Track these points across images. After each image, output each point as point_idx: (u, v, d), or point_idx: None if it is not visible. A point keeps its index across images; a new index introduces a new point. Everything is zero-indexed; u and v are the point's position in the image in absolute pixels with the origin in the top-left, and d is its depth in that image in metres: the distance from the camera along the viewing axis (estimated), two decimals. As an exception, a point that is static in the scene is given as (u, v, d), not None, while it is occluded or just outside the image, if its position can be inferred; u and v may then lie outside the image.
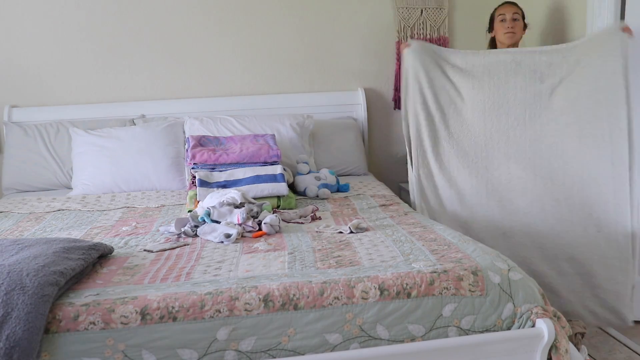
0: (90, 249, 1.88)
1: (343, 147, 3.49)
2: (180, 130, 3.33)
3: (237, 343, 1.60)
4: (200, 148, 2.98)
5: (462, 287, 1.74)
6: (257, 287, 1.67)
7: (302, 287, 1.67)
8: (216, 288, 1.67)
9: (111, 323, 1.55)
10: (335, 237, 2.21)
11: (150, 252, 2.08)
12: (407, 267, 1.80)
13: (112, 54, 3.49)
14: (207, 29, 3.55)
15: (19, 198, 3.04)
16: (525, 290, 1.78)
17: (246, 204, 2.45)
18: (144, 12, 3.48)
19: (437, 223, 2.40)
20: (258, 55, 3.61)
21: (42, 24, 3.40)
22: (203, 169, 2.88)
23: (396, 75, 3.71)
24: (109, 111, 3.49)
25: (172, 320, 1.57)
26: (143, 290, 1.67)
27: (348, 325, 1.66)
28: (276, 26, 3.61)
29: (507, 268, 1.82)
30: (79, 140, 3.22)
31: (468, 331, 1.73)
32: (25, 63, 3.42)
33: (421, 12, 3.68)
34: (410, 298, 1.70)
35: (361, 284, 1.70)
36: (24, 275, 1.57)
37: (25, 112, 3.43)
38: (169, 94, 3.57)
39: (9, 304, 1.48)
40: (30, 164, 3.25)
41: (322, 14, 3.63)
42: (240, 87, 3.63)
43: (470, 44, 3.79)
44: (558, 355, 1.70)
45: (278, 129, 3.31)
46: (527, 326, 1.73)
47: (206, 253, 2.05)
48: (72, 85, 3.48)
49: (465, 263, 1.82)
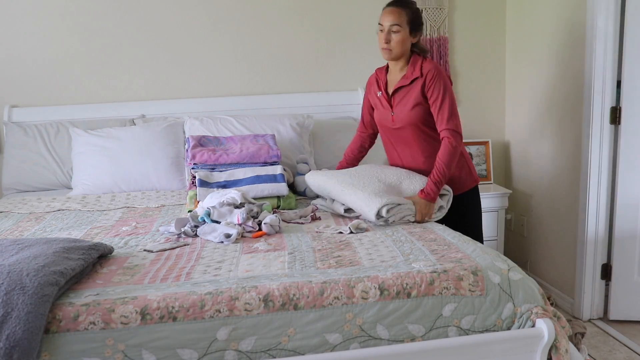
0: (90, 249, 1.88)
1: (343, 147, 3.47)
2: (180, 130, 3.33)
3: (237, 343, 1.60)
4: (200, 148, 2.97)
5: (462, 287, 1.74)
6: (257, 287, 1.66)
7: (302, 287, 1.67)
8: (216, 288, 1.66)
9: (111, 323, 1.55)
10: (335, 237, 2.21)
11: (150, 252, 2.08)
12: (407, 267, 1.80)
13: (112, 53, 3.48)
14: (207, 28, 3.55)
15: (19, 198, 3.04)
16: (525, 290, 1.78)
17: (246, 204, 2.45)
18: (144, 12, 3.48)
19: (436, 223, 2.40)
20: (258, 55, 3.61)
21: (42, 24, 3.40)
22: (203, 169, 2.88)
23: (396, 75, 3.71)
24: (109, 111, 3.48)
25: (172, 320, 1.57)
26: (143, 290, 1.67)
27: (348, 325, 1.66)
28: (276, 26, 3.60)
29: (507, 268, 1.82)
30: (79, 140, 3.22)
31: (468, 331, 1.73)
32: (25, 63, 3.42)
33: (421, 12, 3.67)
34: (410, 298, 1.70)
35: (361, 283, 1.70)
36: (24, 275, 1.57)
37: (25, 112, 3.42)
38: (169, 94, 3.57)
39: (9, 304, 1.48)
40: (30, 164, 3.24)
41: (322, 14, 3.63)
42: (240, 87, 3.63)
43: (470, 44, 3.79)
44: (558, 355, 1.70)
45: (278, 129, 3.31)
46: (527, 326, 1.73)
47: (206, 253, 2.05)
48: (72, 85, 3.48)
49: (465, 263, 1.82)
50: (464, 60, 3.81)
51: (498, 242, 3.54)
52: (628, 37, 2.85)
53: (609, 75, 2.95)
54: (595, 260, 3.11)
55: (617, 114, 2.97)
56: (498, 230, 3.53)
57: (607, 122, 2.99)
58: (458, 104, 3.75)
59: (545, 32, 3.37)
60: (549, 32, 3.34)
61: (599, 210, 3.07)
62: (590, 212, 3.07)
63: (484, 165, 3.77)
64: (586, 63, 3.00)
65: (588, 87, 3.00)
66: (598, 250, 3.10)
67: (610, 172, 3.05)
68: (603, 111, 2.98)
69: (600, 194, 3.06)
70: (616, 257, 3.05)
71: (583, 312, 3.14)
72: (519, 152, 3.78)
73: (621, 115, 2.95)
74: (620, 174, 2.98)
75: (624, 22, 2.86)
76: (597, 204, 3.07)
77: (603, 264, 3.12)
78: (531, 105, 3.57)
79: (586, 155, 3.05)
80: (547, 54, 3.37)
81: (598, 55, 2.93)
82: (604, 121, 2.99)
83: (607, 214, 3.08)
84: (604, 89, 2.96)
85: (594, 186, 3.05)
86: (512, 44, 3.77)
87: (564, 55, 3.20)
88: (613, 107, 2.98)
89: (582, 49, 3.03)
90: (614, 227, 3.05)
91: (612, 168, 3.05)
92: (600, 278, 3.13)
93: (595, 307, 3.15)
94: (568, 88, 3.18)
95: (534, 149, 3.57)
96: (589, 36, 2.96)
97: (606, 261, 3.13)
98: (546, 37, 3.36)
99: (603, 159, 3.03)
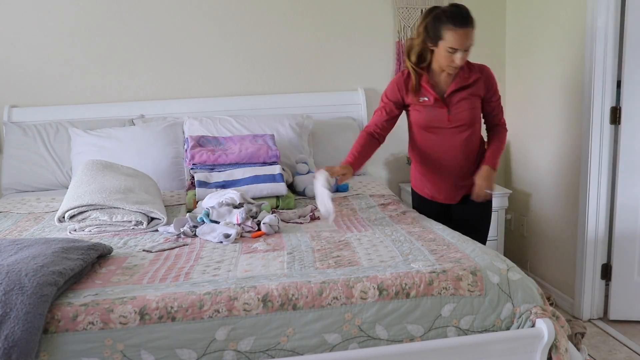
0: (89, 249, 1.88)
1: (342, 147, 3.48)
2: (179, 130, 3.33)
3: (236, 343, 1.60)
4: (200, 148, 2.97)
5: (461, 287, 1.74)
6: (256, 287, 1.66)
7: (301, 287, 1.67)
8: (215, 288, 1.66)
9: (110, 323, 1.54)
10: (334, 237, 2.21)
11: (149, 252, 2.08)
12: (406, 267, 1.80)
13: (111, 54, 3.48)
14: (206, 29, 3.55)
15: (18, 198, 3.04)
16: (524, 290, 1.78)
17: (245, 204, 2.45)
18: (143, 12, 3.48)
19: (436, 223, 2.40)
20: (257, 55, 3.61)
21: (41, 24, 3.40)
22: (202, 170, 2.88)
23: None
24: (108, 111, 3.48)
25: (171, 320, 1.57)
26: (142, 290, 1.67)
27: (347, 325, 1.66)
28: (276, 26, 3.60)
29: (506, 268, 1.82)
30: (78, 141, 3.22)
31: (467, 331, 1.73)
32: (25, 63, 3.42)
33: (421, 12, 3.68)
34: (409, 298, 1.70)
35: (360, 284, 1.70)
36: (23, 275, 1.56)
37: (25, 112, 3.42)
38: (168, 94, 3.57)
39: (7, 304, 1.48)
40: (30, 164, 3.24)
41: (322, 14, 3.62)
42: (240, 87, 3.63)
43: (470, 44, 3.78)
44: (558, 354, 1.70)
45: (277, 129, 3.31)
46: (526, 326, 1.73)
47: (205, 253, 2.05)
48: (71, 85, 3.48)
49: (464, 263, 1.82)
50: (463, 60, 3.80)
51: (498, 242, 3.53)
52: (628, 37, 2.85)
53: (609, 75, 2.94)
54: (595, 260, 3.11)
55: (617, 114, 2.96)
56: (498, 230, 3.53)
57: (607, 122, 2.99)
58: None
59: (545, 32, 3.37)
60: (549, 32, 3.33)
61: (599, 211, 3.07)
62: (590, 212, 3.07)
63: (484, 165, 3.76)
64: (586, 63, 2.99)
65: (588, 87, 2.99)
66: (598, 250, 3.10)
67: (610, 172, 3.05)
68: (603, 111, 2.98)
69: (600, 194, 3.06)
70: (616, 257, 3.04)
71: (583, 312, 3.14)
72: (519, 152, 3.78)
73: (621, 115, 2.94)
74: (620, 174, 2.98)
75: (624, 22, 2.86)
76: (597, 204, 3.06)
77: (603, 264, 3.12)
78: (531, 105, 3.57)
79: (586, 155, 3.04)
80: (547, 54, 3.36)
81: (598, 55, 2.93)
82: (604, 121, 2.99)
83: (607, 214, 3.08)
84: (604, 89, 2.95)
85: (594, 186, 3.05)
86: (512, 44, 3.77)
87: (564, 55, 3.20)
88: (613, 107, 2.97)
89: (582, 49, 3.02)
90: (614, 227, 3.04)
91: (612, 168, 3.04)
92: (600, 278, 3.13)
93: (595, 307, 3.15)
94: (568, 88, 3.18)
95: (534, 149, 3.57)
96: (589, 36, 2.96)
97: (606, 261, 3.13)
98: (546, 37, 3.36)
99: (603, 159, 3.03)
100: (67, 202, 2.39)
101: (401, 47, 3.67)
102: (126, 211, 2.38)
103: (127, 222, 2.38)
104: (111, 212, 2.37)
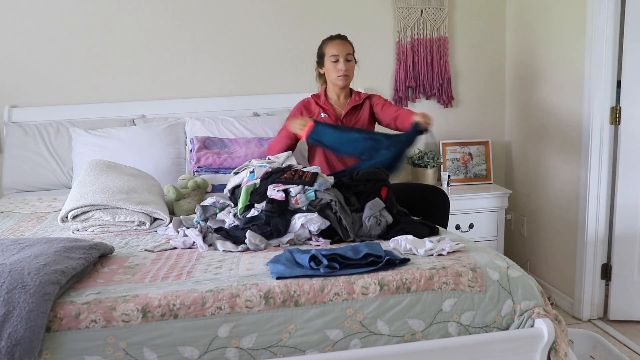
0: (91, 249, 1.88)
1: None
2: (181, 130, 3.33)
3: (238, 340, 1.61)
4: (206, 151, 3.01)
5: (461, 283, 1.75)
6: (258, 284, 1.67)
7: (303, 284, 1.68)
8: (217, 286, 1.67)
9: (112, 321, 1.55)
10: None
11: (151, 251, 2.09)
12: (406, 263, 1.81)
13: (112, 53, 3.48)
14: (208, 28, 3.55)
15: (20, 198, 3.04)
16: (524, 288, 1.79)
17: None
18: (144, 12, 3.48)
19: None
20: (258, 55, 3.61)
21: (42, 24, 3.40)
22: (207, 172, 2.92)
23: (396, 75, 3.72)
24: (109, 111, 3.48)
25: (173, 318, 1.58)
26: (144, 289, 1.68)
27: (349, 321, 1.67)
28: (277, 26, 3.61)
29: (506, 266, 1.83)
30: (79, 140, 3.22)
31: (468, 327, 1.74)
32: (25, 63, 3.42)
33: (421, 12, 3.69)
34: (410, 293, 1.71)
35: (361, 280, 1.71)
36: (26, 274, 1.57)
37: (25, 112, 3.42)
38: (169, 93, 3.57)
39: (10, 303, 1.48)
40: (31, 164, 3.24)
41: (323, 14, 3.63)
42: (241, 87, 3.63)
43: (470, 44, 3.79)
44: (557, 358, 1.71)
45: (278, 129, 3.30)
46: (527, 326, 1.74)
47: (207, 253, 2.06)
48: (72, 85, 3.48)
49: (464, 260, 1.83)
50: (464, 60, 3.81)
51: (498, 242, 3.54)
52: (628, 37, 2.86)
53: (609, 75, 2.95)
54: (595, 260, 3.11)
55: (617, 114, 2.97)
56: (498, 230, 3.53)
57: (607, 122, 3.00)
58: (458, 104, 3.82)
59: (545, 32, 3.38)
60: (549, 32, 3.34)
61: (599, 210, 3.08)
62: (590, 212, 3.07)
63: (484, 165, 3.77)
64: (586, 63, 3.00)
65: (588, 88, 3.00)
66: (598, 250, 3.10)
67: (610, 172, 3.06)
68: (603, 111, 2.99)
69: (600, 194, 3.06)
70: (616, 257, 3.05)
71: (583, 312, 3.14)
72: (519, 152, 3.78)
73: (621, 115, 2.95)
74: (620, 174, 2.98)
75: (624, 22, 2.87)
76: (597, 204, 3.07)
77: (603, 264, 3.13)
78: (531, 106, 3.58)
79: (586, 155, 3.05)
80: (547, 54, 3.37)
81: (598, 56, 2.93)
82: (604, 121, 3.00)
83: (607, 214, 3.09)
84: (604, 89, 2.96)
85: (594, 186, 3.05)
86: (512, 44, 3.78)
87: (564, 55, 3.20)
88: (613, 107, 2.98)
89: (582, 49, 3.03)
90: (613, 227, 3.05)
91: (612, 168, 3.05)
92: (600, 278, 3.13)
93: (595, 307, 3.15)
94: (568, 88, 3.19)
95: (534, 149, 3.58)
96: (589, 36, 2.97)
97: (606, 261, 3.13)
98: (546, 37, 3.37)
99: (603, 159, 3.03)
100: (70, 202, 2.40)
101: (401, 47, 3.68)
102: (129, 211, 2.39)
103: (130, 222, 2.39)
104: (114, 212, 2.38)
